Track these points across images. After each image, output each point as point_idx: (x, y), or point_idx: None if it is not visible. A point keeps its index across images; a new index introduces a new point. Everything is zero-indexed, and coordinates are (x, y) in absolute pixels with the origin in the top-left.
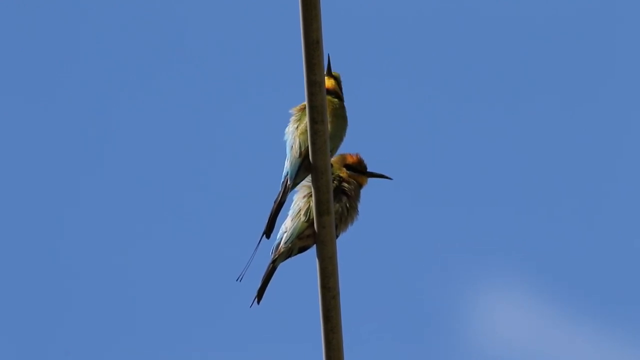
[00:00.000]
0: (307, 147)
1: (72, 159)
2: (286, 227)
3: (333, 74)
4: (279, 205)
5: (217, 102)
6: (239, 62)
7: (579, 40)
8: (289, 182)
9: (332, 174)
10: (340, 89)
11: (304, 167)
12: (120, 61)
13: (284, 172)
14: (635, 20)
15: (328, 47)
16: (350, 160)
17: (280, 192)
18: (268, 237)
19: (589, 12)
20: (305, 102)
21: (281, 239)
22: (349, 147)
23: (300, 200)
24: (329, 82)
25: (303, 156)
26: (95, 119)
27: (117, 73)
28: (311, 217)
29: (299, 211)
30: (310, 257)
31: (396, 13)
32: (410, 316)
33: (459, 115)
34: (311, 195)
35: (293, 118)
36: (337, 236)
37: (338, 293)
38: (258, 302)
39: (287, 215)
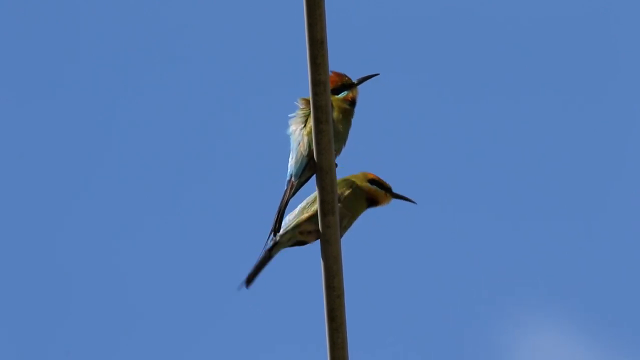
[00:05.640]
0: None
1: (74, 159)
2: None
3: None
4: (286, 205)
5: (221, 101)
6: (243, 62)
7: (579, 41)
8: (294, 181)
9: (353, 183)
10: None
11: (310, 166)
12: (125, 60)
13: (289, 170)
14: (635, 20)
15: (332, 46)
16: (373, 177)
17: (286, 191)
18: (275, 236)
19: (589, 12)
20: (310, 102)
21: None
22: (355, 146)
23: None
24: (354, 93)
25: (310, 156)
26: (97, 119)
27: (122, 71)
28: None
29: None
30: (314, 257)
31: (400, 12)
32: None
33: (467, 118)
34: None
35: (299, 113)
36: (341, 235)
37: (343, 292)
38: (247, 287)
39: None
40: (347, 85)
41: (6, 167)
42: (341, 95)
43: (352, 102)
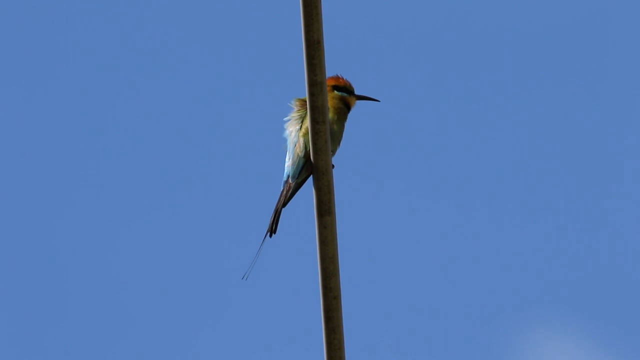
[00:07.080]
0: None
1: (72, 158)
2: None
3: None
4: (283, 205)
5: (218, 102)
6: (240, 62)
7: (578, 43)
8: (290, 181)
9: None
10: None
11: (307, 167)
12: (122, 60)
13: (286, 171)
14: (635, 21)
15: (329, 47)
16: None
17: (282, 192)
18: (270, 236)
19: (589, 13)
20: (307, 102)
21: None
22: (352, 147)
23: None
24: (352, 100)
25: (307, 157)
26: (94, 119)
27: (119, 72)
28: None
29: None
30: (311, 257)
31: (396, 13)
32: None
33: (466, 118)
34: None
35: (294, 115)
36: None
37: (339, 293)
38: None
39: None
40: (347, 90)
41: (6, 167)
42: (339, 93)
43: (347, 105)
